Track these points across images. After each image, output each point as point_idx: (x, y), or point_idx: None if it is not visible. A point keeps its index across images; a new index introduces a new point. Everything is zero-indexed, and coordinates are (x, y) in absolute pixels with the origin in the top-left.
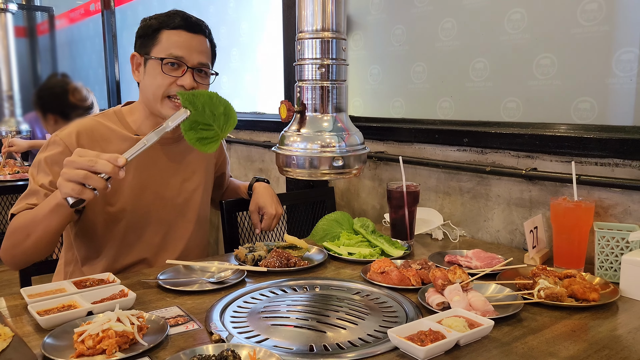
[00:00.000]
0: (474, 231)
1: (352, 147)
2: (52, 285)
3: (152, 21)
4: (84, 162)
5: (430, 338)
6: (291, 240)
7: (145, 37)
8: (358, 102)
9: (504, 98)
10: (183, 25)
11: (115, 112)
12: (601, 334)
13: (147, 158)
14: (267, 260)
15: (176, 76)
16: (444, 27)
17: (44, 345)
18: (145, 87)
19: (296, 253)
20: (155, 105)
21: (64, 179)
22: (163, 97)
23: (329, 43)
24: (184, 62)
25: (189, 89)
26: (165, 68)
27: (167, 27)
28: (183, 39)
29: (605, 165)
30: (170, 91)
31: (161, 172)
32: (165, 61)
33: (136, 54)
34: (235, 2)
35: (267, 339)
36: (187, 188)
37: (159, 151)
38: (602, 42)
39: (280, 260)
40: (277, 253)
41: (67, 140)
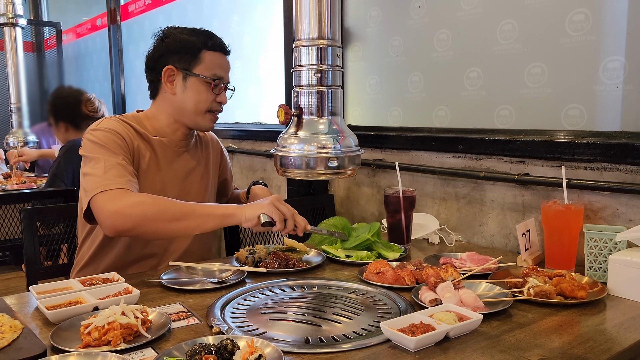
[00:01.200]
0: (469, 236)
1: (347, 149)
2: (60, 283)
3: (191, 38)
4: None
5: (420, 330)
6: (290, 244)
7: (184, 53)
8: (357, 111)
9: (497, 106)
10: (222, 49)
11: (134, 116)
12: (587, 328)
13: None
14: (266, 262)
15: (217, 94)
16: (439, 38)
17: (52, 337)
18: (185, 101)
19: (295, 256)
20: (195, 118)
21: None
22: (205, 111)
23: (324, 50)
24: (223, 82)
25: (224, 104)
26: (212, 87)
27: (208, 47)
28: (222, 60)
29: (594, 170)
30: (213, 107)
31: (178, 174)
32: (214, 81)
33: (173, 68)
34: (239, 16)
35: (265, 332)
36: (198, 190)
37: (175, 155)
38: (589, 51)
39: (280, 261)
40: (277, 255)
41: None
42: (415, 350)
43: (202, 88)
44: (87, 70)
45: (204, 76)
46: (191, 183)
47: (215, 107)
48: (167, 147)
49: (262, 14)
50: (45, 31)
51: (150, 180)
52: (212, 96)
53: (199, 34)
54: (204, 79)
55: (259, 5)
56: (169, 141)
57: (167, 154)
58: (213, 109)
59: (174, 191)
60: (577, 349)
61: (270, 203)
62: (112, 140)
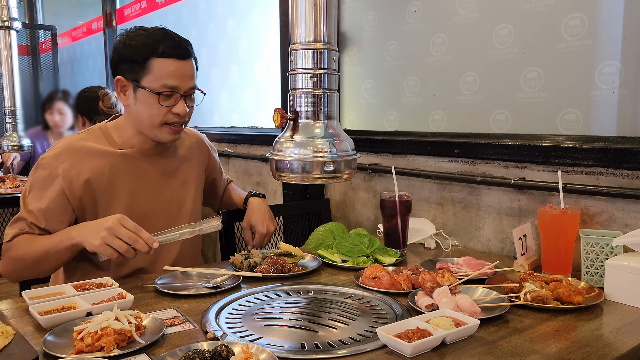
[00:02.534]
0: (465, 240)
1: (343, 153)
2: (53, 288)
3: (139, 44)
4: (127, 237)
5: (417, 335)
6: (286, 248)
7: (132, 62)
8: (353, 115)
9: (493, 110)
10: (174, 54)
11: (100, 128)
12: (584, 334)
13: (135, 172)
14: (262, 267)
15: (170, 105)
16: (435, 42)
17: (44, 343)
18: (138, 113)
19: (290, 260)
20: (152, 132)
21: (105, 243)
22: (160, 125)
23: (320, 54)
24: (177, 91)
25: (183, 115)
26: (161, 100)
27: (156, 54)
28: (175, 67)
29: (590, 174)
30: (168, 119)
31: (151, 183)
32: (162, 94)
33: (122, 79)
34: (235, 19)
35: (261, 337)
36: (178, 197)
37: (146, 164)
38: (585, 55)
39: (275, 266)
40: (272, 260)
41: (52, 162)
42: (412, 356)
43: (152, 101)
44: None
45: (150, 89)
46: (171, 190)
47: (171, 119)
48: (134, 158)
49: (258, 18)
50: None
51: (116, 196)
52: (164, 109)
53: (149, 38)
54: (157, 95)
55: (255, 9)
56: (137, 152)
57: (135, 165)
58: (169, 122)
59: (145, 202)
60: (574, 355)
61: (102, 239)
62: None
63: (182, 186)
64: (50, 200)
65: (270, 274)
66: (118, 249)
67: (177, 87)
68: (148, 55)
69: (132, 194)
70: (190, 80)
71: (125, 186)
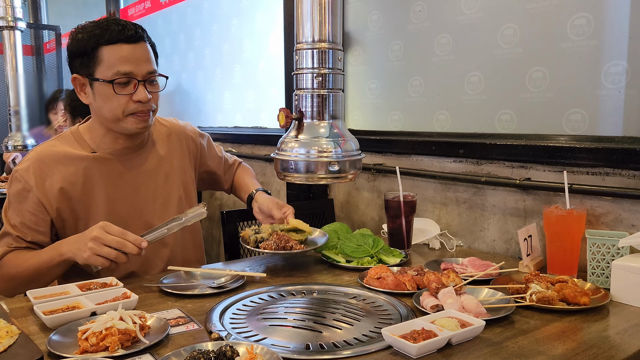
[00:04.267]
0: (470, 241)
1: (348, 153)
2: (57, 288)
3: (84, 36)
4: (115, 242)
5: (422, 336)
6: (294, 224)
7: (82, 56)
8: (357, 115)
9: (498, 110)
10: (122, 38)
11: (72, 133)
12: (590, 335)
13: (111, 175)
14: (266, 243)
15: (129, 93)
16: (439, 42)
17: (49, 342)
18: (100, 109)
19: (298, 236)
20: (118, 125)
21: (94, 254)
22: (123, 115)
23: (325, 53)
24: (133, 77)
25: (145, 102)
26: (116, 88)
27: (104, 42)
28: (126, 52)
29: (596, 175)
30: (130, 108)
31: (129, 185)
32: (116, 82)
33: (78, 76)
34: (238, 19)
35: (265, 338)
36: (162, 194)
37: (121, 165)
38: (591, 55)
39: (278, 243)
40: (278, 236)
41: (24, 175)
42: (417, 357)
43: (109, 92)
44: None
45: (103, 79)
46: (153, 188)
47: (134, 108)
48: (107, 160)
49: (262, 18)
50: (44, 35)
51: (94, 203)
52: (123, 98)
53: (95, 29)
54: (110, 83)
55: (259, 9)
56: (110, 153)
57: (110, 169)
58: (132, 111)
59: (125, 205)
60: (581, 356)
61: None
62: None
63: (165, 182)
64: (30, 214)
65: (272, 250)
66: (107, 256)
67: (132, 72)
68: (96, 45)
69: (110, 198)
70: (146, 64)
71: (101, 191)
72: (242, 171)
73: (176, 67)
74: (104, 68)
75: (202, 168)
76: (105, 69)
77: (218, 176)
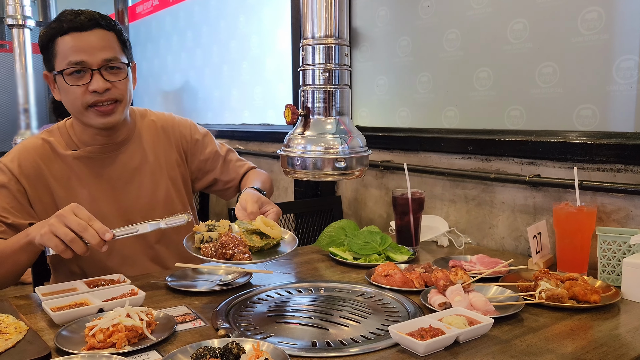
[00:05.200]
0: (479, 238)
1: (355, 149)
2: (65, 284)
3: (45, 30)
4: (76, 224)
5: (430, 334)
6: (257, 225)
7: (44, 51)
8: (365, 112)
9: (507, 106)
10: (73, 27)
11: (58, 128)
12: (600, 333)
13: (92, 175)
14: (206, 246)
15: (84, 83)
16: (448, 38)
17: (57, 338)
18: (66, 104)
19: (260, 242)
20: (82, 118)
21: (51, 232)
22: (84, 108)
23: (332, 49)
24: (87, 66)
25: (102, 92)
26: (70, 79)
27: (58, 34)
28: (77, 41)
29: (607, 171)
30: (87, 100)
31: (111, 184)
32: (67, 72)
33: (46, 73)
34: (246, 16)
35: (272, 335)
36: (147, 192)
37: (103, 163)
38: (602, 50)
39: (218, 249)
40: (227, 239)
41: (10, 165)
42: (425, 355)
43: (66, 85)
44: None
45: (57, 71)
46: (137, 187)
47: (90, 100)
48: (87, 158)
49: (270, 15)
50: None
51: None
52: (78, 89)
53: (54, 22)
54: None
55: (266, 6)
56: (90, 151)
57: (91, 165)
58: (90, 102)
59: (107, 205)
60: (591, 355)
61: (49, 226)
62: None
63: (151, 179)
64: (12, 199)
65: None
66: (63, 237)
67: (84, 61)
68: (52, 38)
69: (93, 197)
70: (101, 52)
71: (84, 189)
72: (251, 174)
73: (184, 64)
74: (60, 60)
75: (194, 164)
76: (60, 60)
77: (214, 176)
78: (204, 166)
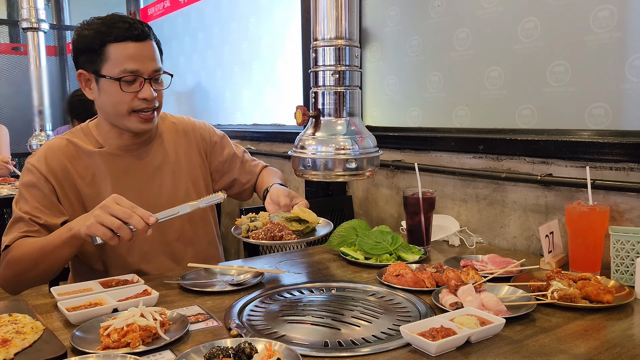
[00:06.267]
0: (490, 238)
1: (365, 150)
2: (80, 285)
3: (91, 32)
4: (121, 212)
5: (441, 334)
6: (296, 212)
7: (88, 52)
8: (375, 112)
9: (518, 105)
10: (129, 36)
11: (82, 129)
12: (614, 334)
13: (117, 171)
14: (256, 232)
15: (135, 91)
16: (458, 37)
17: (72, 338)
18: (105, 105)
19: (300, 227)
20: (121, 121)
21: (98, 222)
22: (128, 112)
23: (342, 50)
24: (140, 75)
25: (150, 100)
26: (123, 86)
27: (111, 39)
28: (133, 50)
29: (620, 170)
30: (134, 106)
31: (135, 181)
32: (123, 79)
33: (84, 72)
34: (256, 18)
35: (284, 335)
36: (168, 189)
37: (127, 161)
38: (614, 48)
39: (267, 233)
40: (272, 225)
41: (38, 165)
42: (436, 355)
43: (115, 89)
44: None
45: (110, 77)
46: (160, 184)
47: (138, 106)
48: (114, 156)
49: (280, 16)
50: (67, 35)
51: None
52: (129, 95)
53: (102, 25)
54: (117, 81)
55: (277, 7)
56: (116, 149)
57: (117, 164)
58: (136, 108)
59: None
60: (604, 355)
61: (95, 217)
62: (28, 185)
63: (172, 178)
64: (43, 198)
65: (259, 240)
66: (110, 225)
67: (138, 70)
68: (103, 42)
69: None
70: (152, 63)
71: (108, 186)
72: (266, 172)
73: (195, 65)
74: (111, 65)
75: (212, 166)
76: (111, 66)
77: (233, 177)
78: (222, 167)
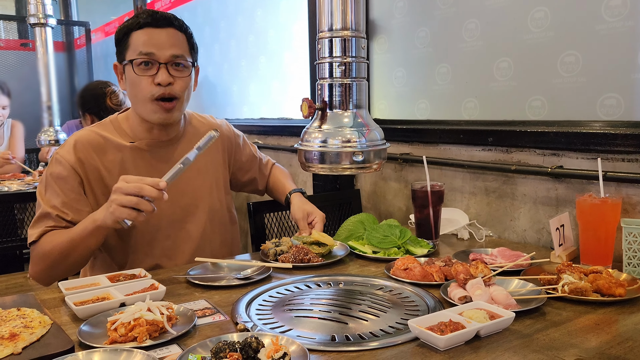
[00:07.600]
0: (500, 231)
1: (372, 143)
2: (87, 279)
3: (122, 25)
4: (132, 188)
5: (450, 328)
6: (316, 237)
7: (118, 44)
8: (383, 104)
9: (528, 97)
10: (149, 22)
11: (111, 121)
12: (625, 327)
13: (145, 166)
14: (284, 255)
15: (151, 75)
16: (467, 28)
17: (80, 333)
18: (130, 95)
19: (319, 250)
20: (145, 110)
21: (118, 205)
22: (149, 100)
23: (348, 41)
24: (155, 59)
25: (165, 85)
26: (138, 69)
27: (134, 28)
28: (150, 35)
29: (632, 161)
30: (153, 92)
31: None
32: (136, 61)
33: (116, 64)
34: (263, 11)
35: (291, 329)
36: (193, 188)
37: (156, 156)
38: (627, 37)
39: (296, 256)
40: (297, 249)
41: (66, 157)
42: (445, 349)
43: (134, 75)
44: None
45: (127, 61)
46: (185, 182)
47: (156, 92)
48: (143, 151)
49: (287, 9)
50: (75, 31)
51: None
52: (146, 80)
53: (132, 18)
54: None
55: (283, 0)
56: (146, 144)
57: (147, 158)
58: (155, 95)
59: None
60: (616, 349)
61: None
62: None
63: (197, 176)
64: (72, 192)
65: (290, 262)
66: (129, 204)
67: (153, 53)
68: (128, 32)
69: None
70: (170, 48)
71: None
72: (277, 172)
73: (202, 59)
74: (131, 51)
75: (235, 166)
76: (131, 52)
77: (253, 175)
78: (245, 166)
